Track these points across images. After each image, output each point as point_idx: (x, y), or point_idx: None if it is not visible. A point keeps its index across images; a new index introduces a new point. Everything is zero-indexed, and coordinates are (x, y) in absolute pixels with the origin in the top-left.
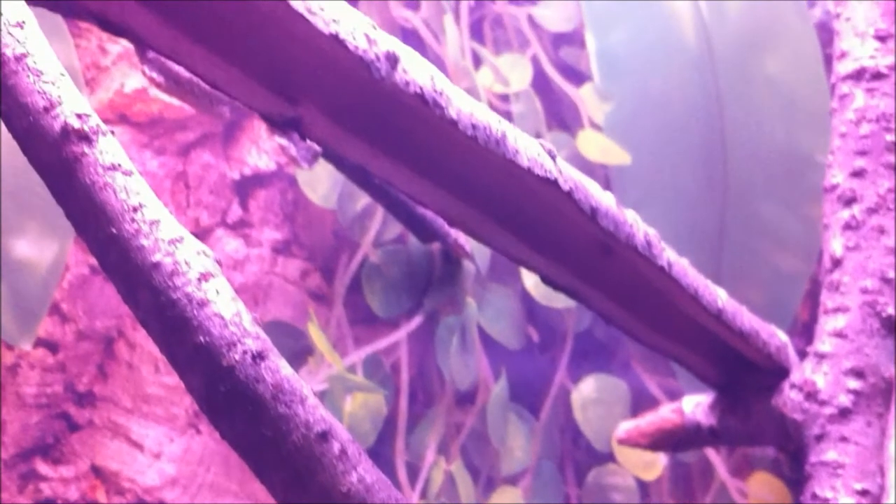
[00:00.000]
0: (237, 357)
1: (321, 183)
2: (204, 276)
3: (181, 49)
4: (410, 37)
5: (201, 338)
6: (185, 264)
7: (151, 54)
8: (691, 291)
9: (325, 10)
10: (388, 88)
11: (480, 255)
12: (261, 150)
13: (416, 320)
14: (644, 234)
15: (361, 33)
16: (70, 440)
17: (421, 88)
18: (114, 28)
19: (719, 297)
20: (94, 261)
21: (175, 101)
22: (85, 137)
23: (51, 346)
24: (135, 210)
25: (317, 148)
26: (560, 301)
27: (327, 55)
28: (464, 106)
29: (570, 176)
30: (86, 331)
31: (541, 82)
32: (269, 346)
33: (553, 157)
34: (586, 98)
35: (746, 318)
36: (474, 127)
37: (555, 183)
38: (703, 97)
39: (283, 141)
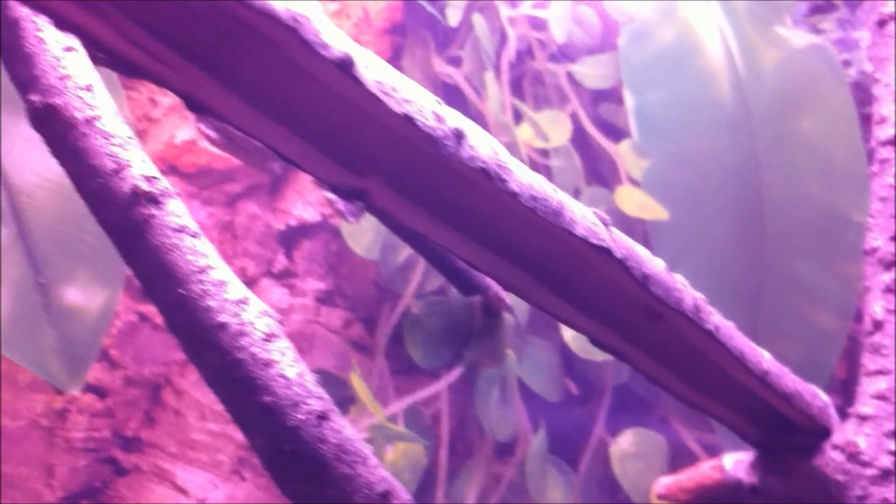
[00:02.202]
0: (301, 417)
1: (364, 235)
2: (268, 337)
3: (260, 127)
4: (452, 92)
5: (266, 398)
6: (250, 325)
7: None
8: (737, 354)
9: (397, 91)
10: (454, 163)
11: (520, 308)
12: (306, 201)
13: (457, 372)
14: (693, 298)
15: (430, 111)
16: (117, 485)
17: (485, 162)
18: (199, 107)
19: (764, 358)
20: (142, 309)
21: (223, 153)
22: (154, 200)
23: (99, 391)
24: (202, 271)
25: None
26: (599, 354)
27: (397, 133)
28: (524, 178)
29: (623, 243)
30: (134, 377)
31: (580, 138)
32: (332, 407)
33: (606, 225)
34: (624, 154)
35: (790, 380)
36: (534, 199)
37: (608, 251)
38: (740, 155)
39: (331, 195)
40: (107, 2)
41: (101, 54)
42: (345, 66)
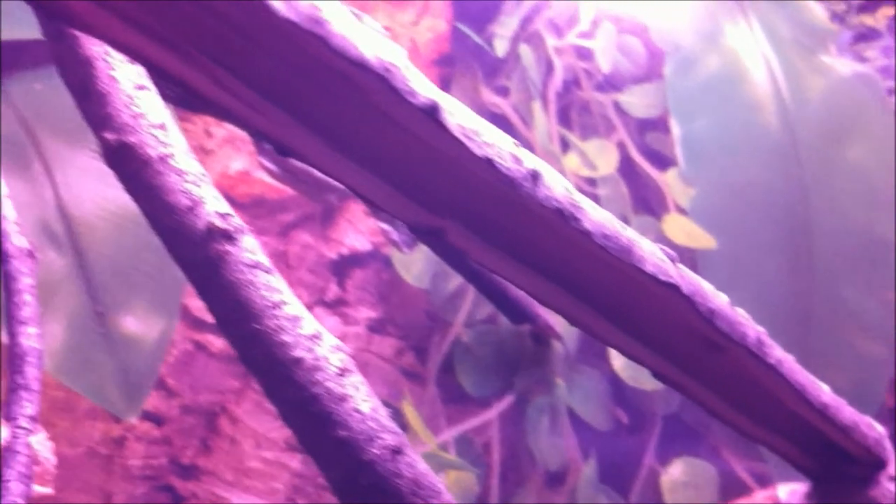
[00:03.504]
0: (377, 452)
1: (415, 264)
2: (343, 372)
3: (341, 168)
4: (500, 122)
5: (342, 432)
6: (324, 360)
7: (268, 145)
8: (798, 387)
9: (479, 135)
10: (530, 203)
11: (569, 336)
12: (357, 231)
13: (507, 400)
14: (756, 332)
15: (508, 153)
16: None
17: (560, 202)
18: (284, 150)
19: (823, 391)
20: (198, 337)
21: (276, 183)
22: (228, 236)
23: (156, 419)
24: (276, 307)
25: None
26: (648, 383)
27: (477, 175)
28: (596, 217)
29: (689, 279)
30: (190, 405)
31: (627, 167)
32: (406, 441)
33: (674, 262)
34: (671, 183)
35: (848, 412)
36: (605, 237)
37: (677, 288)
38: (787, 183)
39: (385, 225)
40: (199, 52)
41: (193, 99)
42: (431, 112)
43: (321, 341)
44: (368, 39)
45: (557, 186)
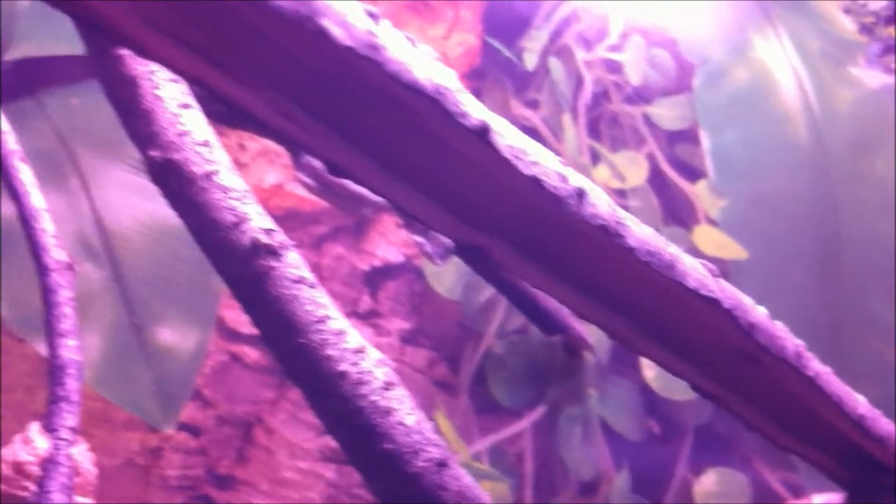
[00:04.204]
0: (422, 464)
1: (447, 275)
2: (387, 386)
3: (390, 187)
4: (530, 135)
5: (388, 445)
6: (369, 374)
7: (305, 160)
8: (836, 399)
9: (527, 155)
10: (576, 221)
11: (601, 347)
12: (389, 243)
13: (539, 410)
14: (794, 345)
15: (554, 172)
16: None
17: (605, 220)
18: (336, 170)
19: (859, 403)
20: (233, 349)
21: (310, 196)
22: (273, 252)
23: (193, 430)
24: (321, 321)
25: (449, 245)
26: (680, 394)
27: (524, 193)
28: (639, 233)
29: (730, 294)
30: (226, 416)
31: (657, 178)
32: (450, 454)
33: (714, 276)
34: (701, 194)
35: (883, 423)
36: (649, 253)
37: (718, 302)
38: (816, 195)
39: (419, 238)
40: (260, 80)
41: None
42: (482, 133)
43: (365, 355)
44: (421, 63)
45: (602, 204)
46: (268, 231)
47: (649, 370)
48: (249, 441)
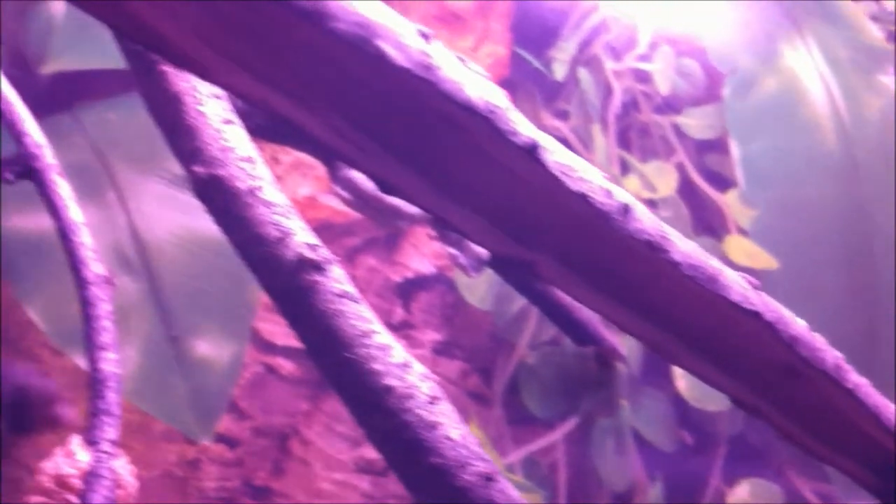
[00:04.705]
0: (470, 478)
1: (478, 286)
2: (433, 400)
3: (439, 203)
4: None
5: (435, 459)
6: (414, 388)
7: (342, 174)
8: (874, 410)
9: (574, 171)
10: (621, 236)
11: (633, 358)
12: (421, 254)
13: (572, 421)
14: (833, 357)
15: (600, 188)
16: None
17: (650, 234)
18: (392, 190)
19: None
20: (269, 360)
21: (343, 207)
22: (317, 267)
23: (229, 441)
24: (366, 336)
25: (483, 256)
26: (713, 404)
27: (570, 209)
28: (683, 247)
29: (771, 307)
30: (262, 427)
31: (686, 188)
32: (496, 468)
33: (757, 289)
34: (732, 203)
35: None
36: (693, 267)
37: (760, 315)
38: (847, 202)
39: (453, 250)
40: (318, 101)
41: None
42: (531, 150)
43: (411, 370)
44: (473, 82)
45: (647, 219)
46: (312, 246)
47: (682, 380)
48: (285, 452)
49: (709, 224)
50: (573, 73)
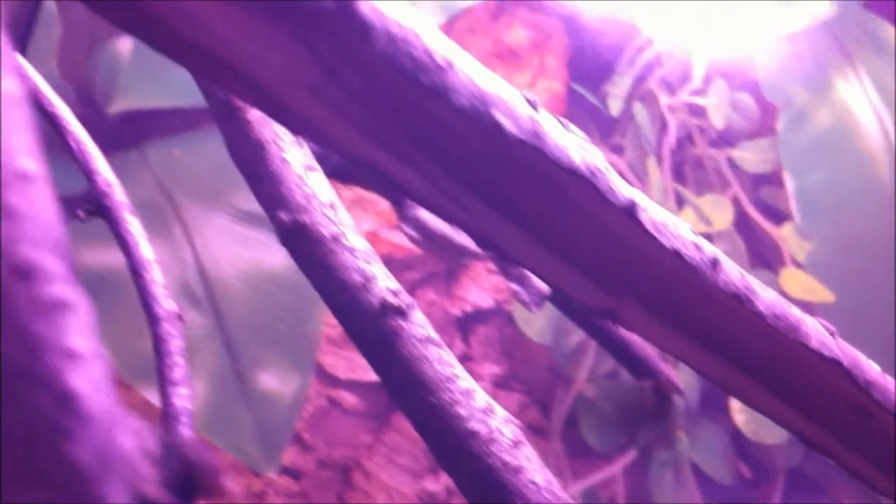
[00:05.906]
0: None
1: (536, 320)
2: (516, 444)
3: (535, 257)
4: None
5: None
6: (498, 432)
7: (409, 213)
8: None
9: (667, 227)
10: (709, 288)
11: (691, 391)
12: (480, 288)
13: (631, 454)
14: None
15: (690, 242)
16: None
17: (737, 287)
18: (491, 246)
19: None
20: (332, 393)
21: (403, 243)
22: (401, 312)
23: (294, 474)
24: (450, 380)
25: (545, 292)
26: (770, 437)
27: (663, 264)
28: (767, 297)
29: (848, 352)
30: (325, 460)
31: (742, 222)
32: None
33: (834, 336)
34: (787, 237)
35: None
36: (776, 317)
37: (839, 362)
38: None
39: (515, 286)
40: (428, 163)
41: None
42: (630, 210)
43: (494, 414)
44: (575, 146)
45: (734, 271)
46: (395, 292)
47: (739, 414)
48: (348, 484)
49: (764, 257)
50: (628, 108)
